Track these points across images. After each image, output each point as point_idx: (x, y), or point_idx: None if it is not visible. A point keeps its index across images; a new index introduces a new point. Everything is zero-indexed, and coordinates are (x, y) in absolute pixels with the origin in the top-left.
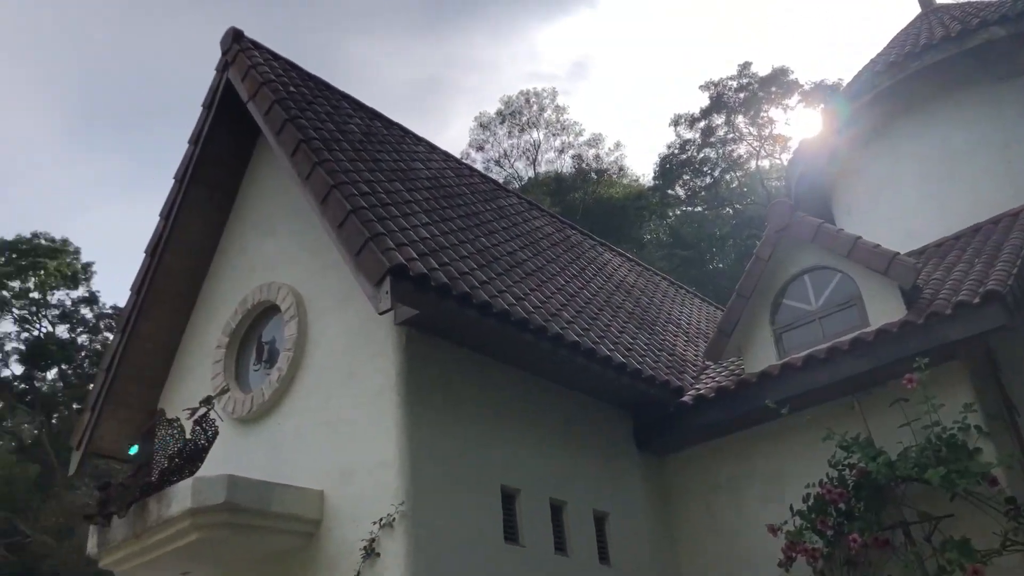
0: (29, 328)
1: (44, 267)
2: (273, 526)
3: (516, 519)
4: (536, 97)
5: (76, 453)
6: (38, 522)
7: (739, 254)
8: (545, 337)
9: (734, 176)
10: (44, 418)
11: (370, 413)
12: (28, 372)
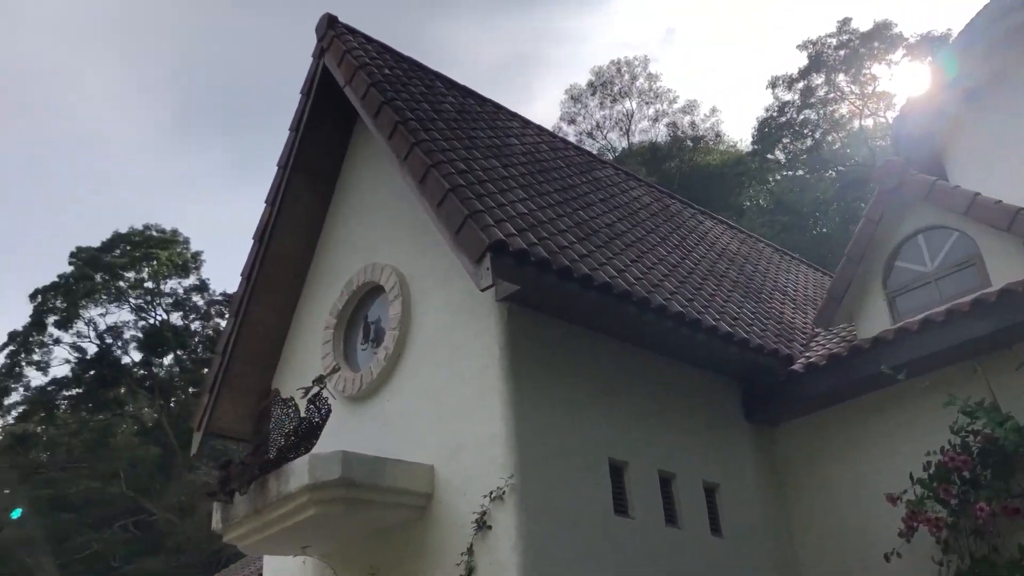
0: (145, 316)
1: (156, 257)
2: (386, 500)
3: (625, 491)
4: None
5: (197, 434)
6: (162, 501)
7: (844, 218)
8: (649, 309)
9: (836, 137)
10: (163, 402)
11: (476, 389)
12: (146, 358)
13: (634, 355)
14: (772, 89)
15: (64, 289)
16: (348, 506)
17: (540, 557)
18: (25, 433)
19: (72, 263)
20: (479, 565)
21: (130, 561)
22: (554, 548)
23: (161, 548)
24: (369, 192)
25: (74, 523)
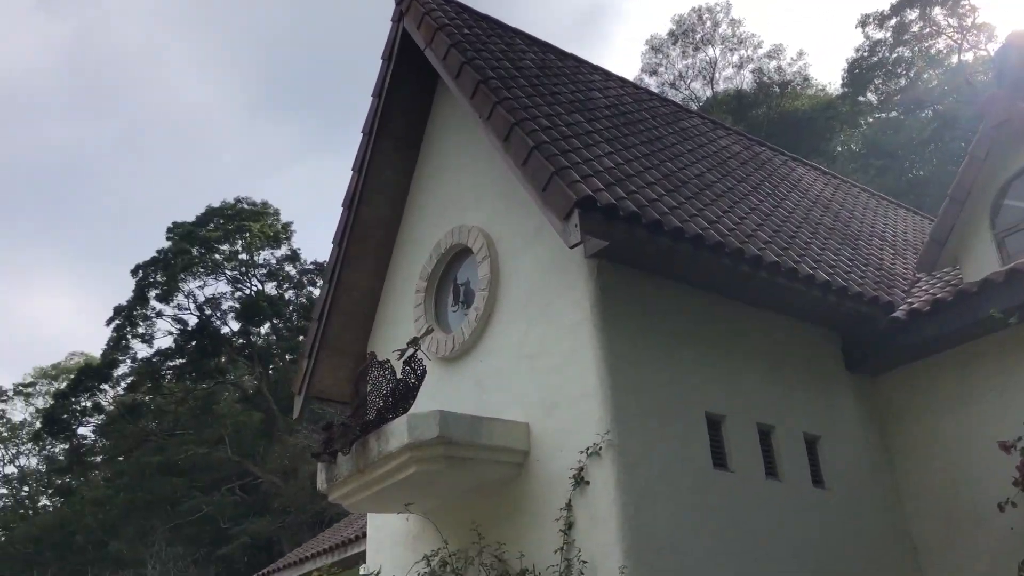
0: (241, 287)
1: (249, 229)
2: (484, 458)
3: (723, 445)
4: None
5: (298, 398)
6: (266, 464)
7: (943, 159)
8: (742, 260)
9: (932, 75)
10: (262, 370)
11: (568, 346)
12: (244, 328)
13: (729, 307)
14: (862, 28)
15: (163, 263)
16: (447, 464)
17: (639, 511)
18: (134, 403)
19: (169, 238)
20: (578, 520)
21: (238, 523)
22: (653, 502)
23: (267, 509)
24: (453, 154)
25: (184, 487)
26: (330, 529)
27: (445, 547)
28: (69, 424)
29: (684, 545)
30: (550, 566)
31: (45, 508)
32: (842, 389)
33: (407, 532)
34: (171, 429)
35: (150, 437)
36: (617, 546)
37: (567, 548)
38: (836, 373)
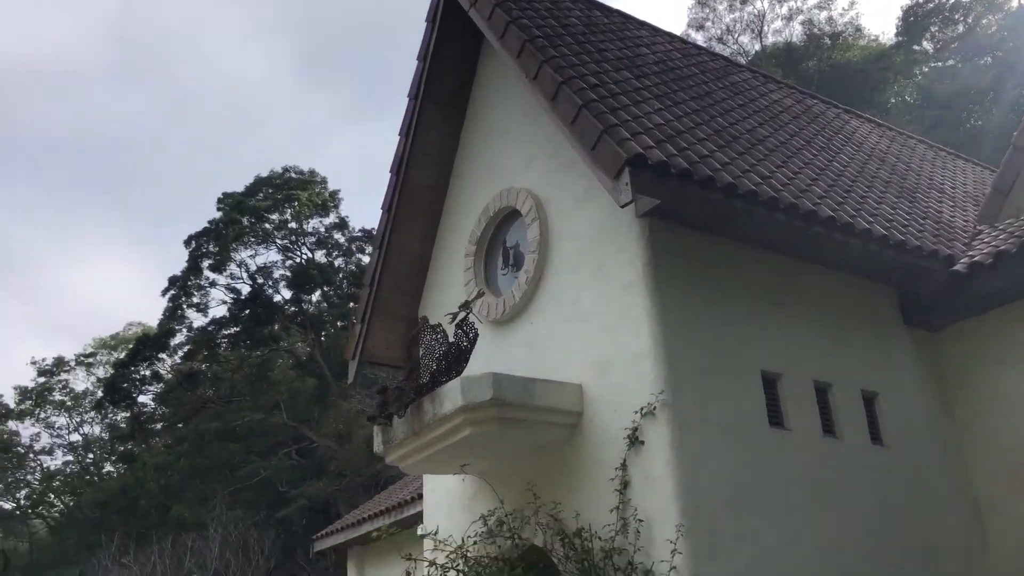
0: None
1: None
2: (538, 419)
3: (779, 403)
4: None
5: (352, 363)
6: (321, 429)
7: (1002, 108)
8: (798, 215)
9: (992, 20)
10: (314, 336)
11: (620, 307)
12: (296, 296)
13: (784, 264)
14: None
15: (215, 234)
16: (501, 426)
17: (695, 470)
18: (191, 371)
19: (220, 208)
20: (633, 480)
21: (296, 486)
22: (708, 461)
23: (323, 473)
24: (500, 116)
25: (242, 452)
26: (386, 491)
27: (501, 507)
28: (129, 393)
29: (741, 504)
30: (606, 525)
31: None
32: (901, 345)
33: (463, 493)
34: (228, 396)
35: (208, 404)
36: (673, 505)
37: (623, 507)
38: (894, 329)
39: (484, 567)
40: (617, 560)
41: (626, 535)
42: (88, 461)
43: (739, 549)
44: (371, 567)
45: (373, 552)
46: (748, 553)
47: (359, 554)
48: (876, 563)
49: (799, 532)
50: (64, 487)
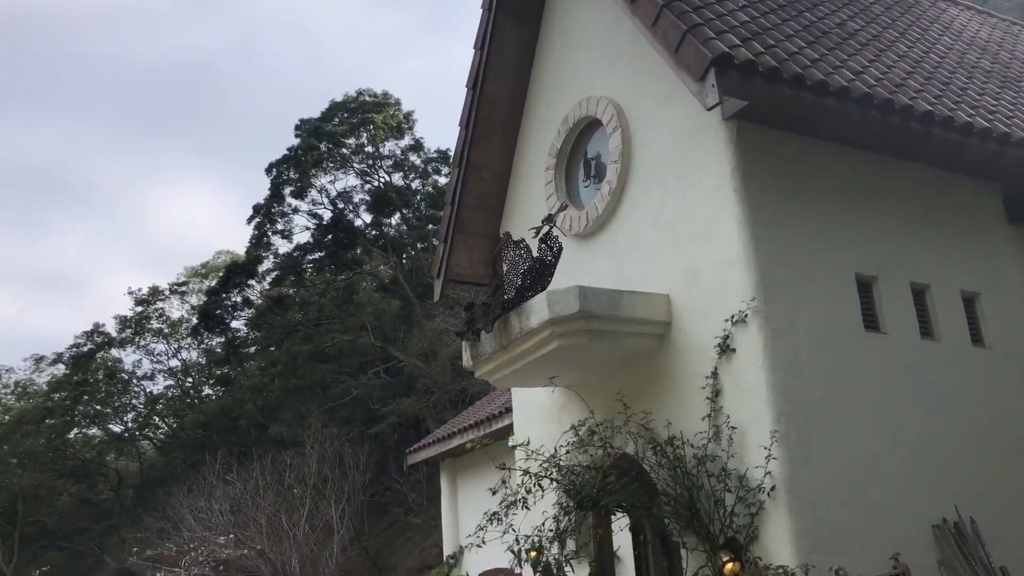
0: (369, 180)
1: (372, 121)
2: (625, 330)
3: (875, 306)
4: None
5: (436, 281)
6: (407, 349)
7: None
8: (893, 111)
9: None
10: (396, 259)
11: (708, 213)
12: (376, 220)
13: (879, 164)
14: None
15: (294, 161)
16: (588, 338)
17: (788, 377)
18: (280, 296)
19: (298, 135)
20: (724, 387)
21: (386, 403)
22: (802, 367)
23: (412, 390)
24: (577, 23)
25: (333, 373)
26: (473, 406)
27: (591, 417)
28: (223, 319)
29: (836, 409)
30: (698, 433)
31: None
32: (1004, 243)
33: (552, 404)
34: (316, 319)
35: (298, 327)
36: (767, 411)
37: (714, 415)
38: (997, 226)
39: (577, 475)
40: (710, 467)
41: (718, 442)
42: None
43: (834, 454)
44: (463, 478)
45: (464, 464)
46: (843, 458)
47: (451, 466)
48: (978, 468)
49: (895, 436)
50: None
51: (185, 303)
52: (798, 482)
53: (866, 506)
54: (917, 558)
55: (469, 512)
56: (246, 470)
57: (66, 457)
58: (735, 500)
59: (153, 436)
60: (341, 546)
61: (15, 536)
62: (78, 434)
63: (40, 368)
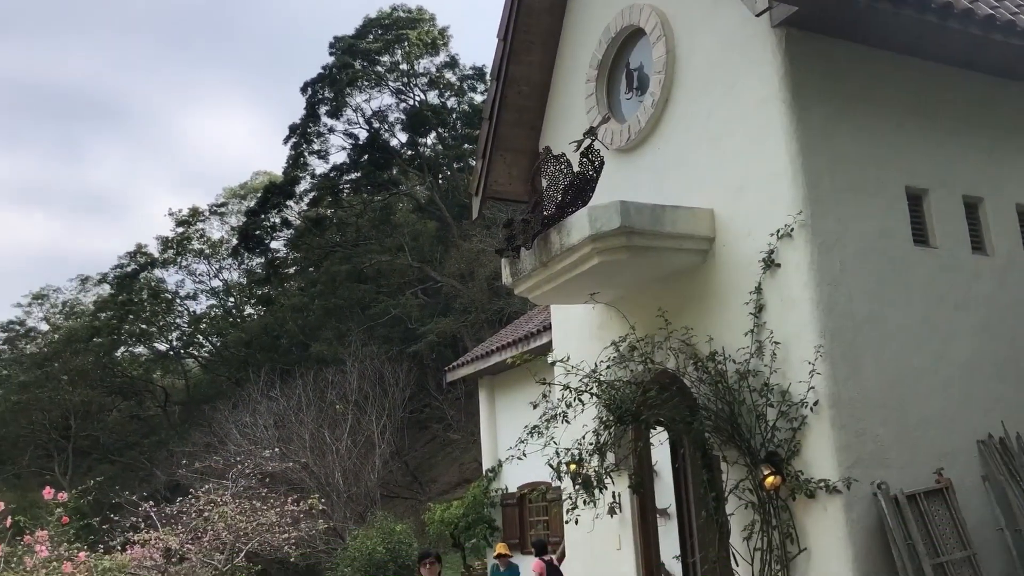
0: (404, 99)
1: (407, 38)
2: (668, 246)
3: (924, 220)
4: None
5: (475, 199)
6: (444, 269)
7: None
8: (951, 15)
9: None
10: (432, 179)
11: (755, 125)
12: (411, 139)
13: (934, 72)
14: None
15: (330, 79)
16: (630, 254)
17: (834, 292)
18: (318, 216)
19: (332, 53)
20: (768, 303)
21: (424, 323)
22: (849, 282)
23: (450, 310)
24: None
25: (372, 292)
26: (511, 325)
27: (632, 333)
28: (262, 239)
29: (882, 324)
30: (740, 348)
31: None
32: None
33: (592, 321)
34: (354, 240)
35: (336, 248)
36: (812, 326)
37: (758, 331)
38: None
39: (617, 390)
40: (752, 382)
41: (761, 357)
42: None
43: (879, 369)
44: (501, 395)
45: (502, 381)
46: (888, 373)
47: (489, 383)
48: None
49: (942, 351)
50: (210, 329)
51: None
52: (841, 397)
53: (910, 421)
54: (960, 473)
55: (507, 428)
56: (289, 387)
57: (114, 375)
58: (777, 415)
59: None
60: (382, 460)
61: (69, 450)
62: (125, 352)
63: (86, 288)
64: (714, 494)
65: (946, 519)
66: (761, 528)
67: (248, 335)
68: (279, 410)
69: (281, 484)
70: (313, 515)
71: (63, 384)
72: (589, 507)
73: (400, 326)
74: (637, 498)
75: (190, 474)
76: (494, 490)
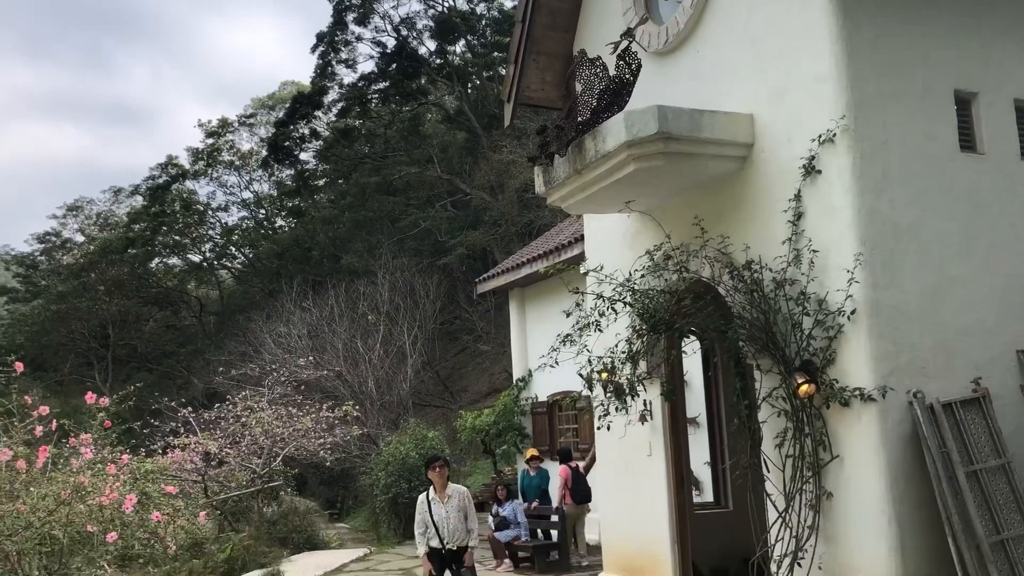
0: (432, 4)
1: None
2: (705, 152)
3: (972, 125)
4: None
5: (507, 105)
6: (474, 181)
7: None
8: None
9: None
10: (461, 89)
11: (798, 26)
12: (440, 47)
13: None
14: None
15: None
16: (667, 160)
17: (875, 198)
18: (347, 127)
19: None
20: (808, 210)
21: (454, 235)
22: (891, 188)
23: (479, 222)
24: None
25: (401, 205)
26: (541, 237)
27: (667, 241)
28: (291, 151)
29: (925, 232)
30: (777, 257)
31: (281, 228)
32: None
33: (626, 230)
34: (383, 151)
35: (365, 160)
36: (851, 234)
37: (795, 239)
38: None
39: (651, 298)
40: (788, 290)
41: (798, 266)
42: (261, 216)
43: (919, 278)
44: (531, 306)
45: (533, 293)
46: (928, 282)
47: (520, 295)
48: None
49: (985, 261)
50: (242, 240)
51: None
52: (880, 305)
53: (949, 330)
54: (998, 383)
55: (537, 339)
56: (321, 298)
57: (150, 285)
58: (813, 323)
59: (230, 266)
60: (414, 370)
61: (108, 358)
62: (159, 263)
63: (119, 200)
64: (747, 402)
65: (982, 428)
66: (793, 436)
67: (280, 247)
68: (312, 320)
69: (315, 392)
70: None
71: (100, 294)
72: (621, 414)
73: (430, 239)
74: (668, 406)
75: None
76: (524, 399)
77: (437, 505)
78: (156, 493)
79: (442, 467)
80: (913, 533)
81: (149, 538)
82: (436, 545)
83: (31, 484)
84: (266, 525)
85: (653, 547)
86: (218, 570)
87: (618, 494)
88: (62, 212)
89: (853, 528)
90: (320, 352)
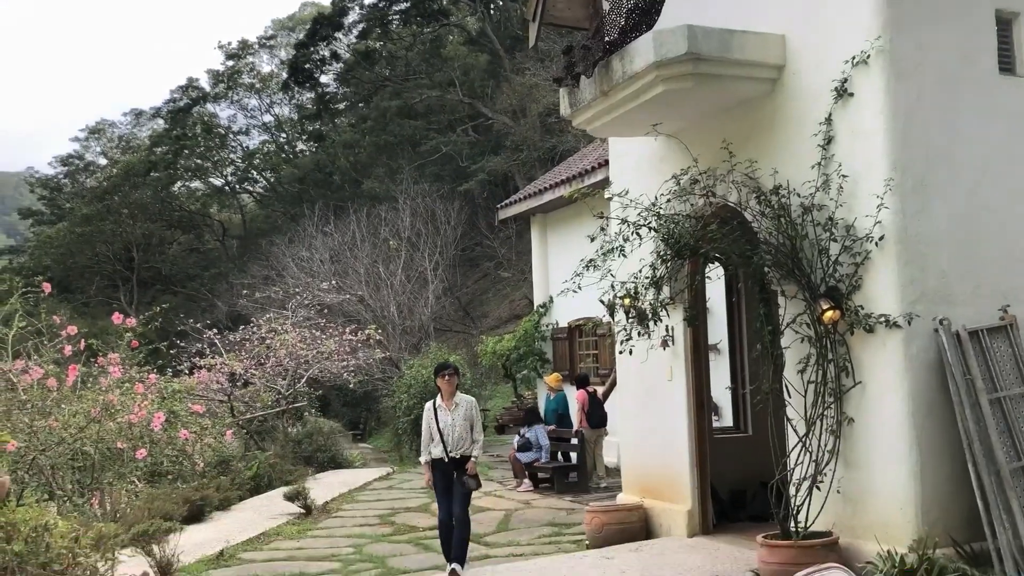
0: None
1: None
2: (735, 74)
3: (1012, 47)
4: None
5: (532, 24)
6: (495, 105)
7: None
8: None
9: None
10: (484, 10)
11: None
12: None
13: None
14: None
15: None
16: (696, 82)
17: (909, 122)
18: (367, 49)
19: None
20: (838, 134)
21: (475, 161)
22: (925, 112)
23: (501, 148)
24: None
25: (422, 129)
26: (563, 163)
27: (694, 165)
28: (311, 73)
29: (958, 157)
30: (806, 182)
31: (303, 152)
32: None
33: (652, 154)
34: (404, 75)
35: (386, 83)
36: (883, 159)
37: (825, 163)
38: None
39: (676, 223)
40: (816, 216)
41: (827, 191)
42: (282, 140)
43: (950, 204)
44: (553, 233)
45: (555, 220)
46: (959, 208)
47: (541, 221)
48: None
49: (1018, 187)
50: (264, 164)
51: (274, 57)
52: (909, 232)
53: (978, 258)
54: None
55: (559, 265)
56: (343, 223)
57: (172, 208)
58: (840, 250)
59: (252, 190)
60: (435, 296)
61: (133, 280)
62: (182, 187)
63: (140, 123)
64: (770, 328)
65: (1008, 356)
66: (816, 362)
67: (301, 171)
68: (334, 245)
69: (338, 315)
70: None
71: (124, 217)
72: (643, 339)
73: (451, 164)
74: (690, 331)
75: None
76: (545, 324)
77: (444, 413)
78: (184, 412)
79: (451, 375)
80: (933, 459)
81: (177, 455)
82: (439, 455)
83: (62, 402)
84: (291, 444)
85: (672, 470)
86: (245, 487)
87: (638, 418)
88: (84, 135)
89: (873, 453)
90: (342, 276)
